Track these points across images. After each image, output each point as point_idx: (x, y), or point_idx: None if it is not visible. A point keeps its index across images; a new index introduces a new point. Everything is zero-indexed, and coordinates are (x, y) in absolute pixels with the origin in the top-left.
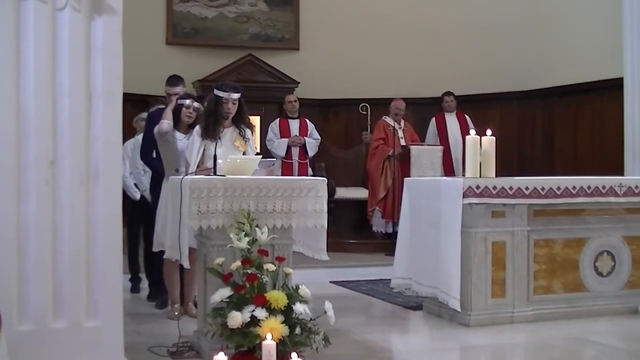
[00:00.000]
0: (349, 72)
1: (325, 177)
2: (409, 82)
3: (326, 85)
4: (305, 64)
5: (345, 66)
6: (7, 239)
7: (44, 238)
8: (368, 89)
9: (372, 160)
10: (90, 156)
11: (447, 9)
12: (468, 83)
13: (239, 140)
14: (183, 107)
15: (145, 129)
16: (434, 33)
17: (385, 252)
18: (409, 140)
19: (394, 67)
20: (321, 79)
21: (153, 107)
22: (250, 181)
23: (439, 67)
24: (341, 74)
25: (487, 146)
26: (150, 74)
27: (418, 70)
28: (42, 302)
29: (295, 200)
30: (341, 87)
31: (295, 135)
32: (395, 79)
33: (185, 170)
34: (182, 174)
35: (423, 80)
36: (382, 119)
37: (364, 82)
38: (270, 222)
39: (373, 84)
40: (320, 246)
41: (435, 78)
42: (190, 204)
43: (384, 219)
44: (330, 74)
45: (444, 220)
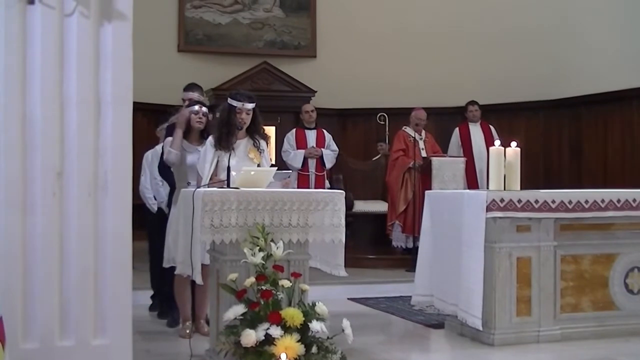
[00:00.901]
0: (368, 81)
1: (343, 190)
2: (431, 91)
3: (344, 94)
4: (323, 72)
5: (364, 74)
6: (12, 252)
7: (50, 252)
8: (387, 98)
9: (392, 173)
10: (99, 167)
11: (471, 15)
12: (492, 92)
13: (253, 151)
14: (191, 113)
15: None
16: (457, 39)
17: (405, 268)
18: (431, 151)
19: (414, 75)
20: (339, 88)
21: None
22: (265, 194)
23: (462, 75)
24: (360, 82)
25: (511, 157)
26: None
27: (440, 78)
28: (48, 319)
29: (311, 214)
30: (360, 96)
31: (312, 147)
32: (416, 87)
33: (197, 183)
34: (193, 187)
35: (445, 89)
36: (402, 129)
37: (384, 90)
38: (285, 237)
39: (393, 92)
40: (337, 262)
41: (458, 87)
42: (203, 218)
43: (404, 233)
44: (349, 82)
45: (466, 235)
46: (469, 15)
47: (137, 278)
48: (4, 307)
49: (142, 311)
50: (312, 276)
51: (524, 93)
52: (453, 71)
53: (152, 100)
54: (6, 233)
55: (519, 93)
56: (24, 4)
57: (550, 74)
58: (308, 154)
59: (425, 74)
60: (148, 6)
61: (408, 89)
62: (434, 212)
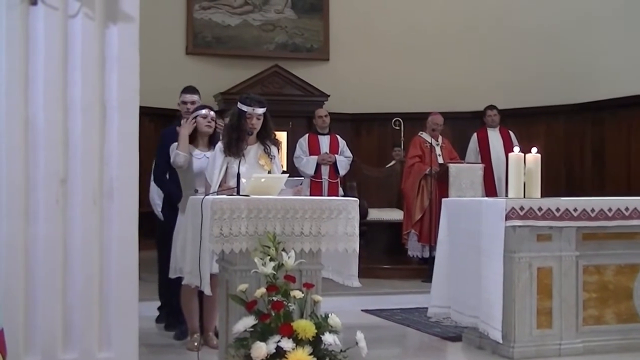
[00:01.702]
0: (383, 85)
1: (357, 198)
2: (448, 95)
3: (358, 99)
4: (336, 76)
5: (379, 78)
6: (14, 262)
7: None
8: (403, 102)
9: (408, 180)
10: (105, 173)
11: (489, 17)
12: (512, 96)
13: (263, 157)
14: (199, 117)
15: (158, 150)
16: (475, 42)
17: (421, 279)
18: (448, 157)
19: (431, 79)
20: (353, 92)
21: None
22: (276, 202)
23: (481, 78)
24: (374, 86)
25: (531, 164)
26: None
27: (458, 82)
28: (50, 330)
29: (324, 223)
30: (374, 101)
31: (325, 153)
32: (433, 91)
33: (205, 190)
34: (201, 194)
35: (463, 93)
36: (417, 134)
37: (399, 95)
38: (297, 246)
39: (408, 97)
40: (351, 272)
41: (476, 90)
42: (212, 226)
43: (420, 242)
44: (363, 86)
45: (485, 244)
46: (486, 17)
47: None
48: (5, 318)
49: (148, 323)
50: (324, 287)
51: (545, 97)
52: (471, 74)
53: (160, 105)
54: (8, 241)
55: (539, 97)
56: (26, 4)
57: (572, 77)
58: (321, 161)
59: (442, 78)
60: (155, 7)
61: (424, 93)
62: (451, 221)
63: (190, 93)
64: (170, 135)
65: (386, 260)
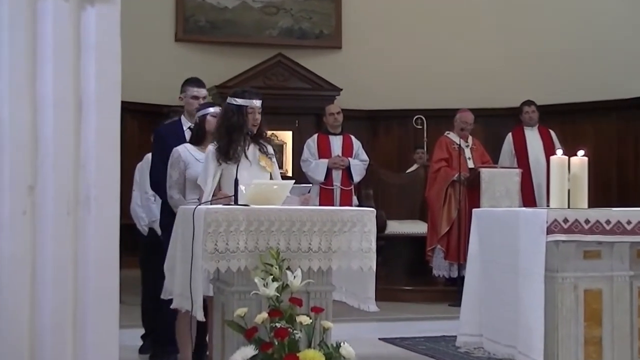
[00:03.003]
0: (404, 77)
1: (374, 208)
2: (479, 89)
3: (375, 93)
4: (349, 67)
5: (399, 69)
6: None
7: (20, 282)
8: (426, 97)
9: (433, 187)
10: (81, 180)
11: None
12: (553, 90)
13: (263, 158)
14: (209, 116)
15: (154, 149)
16: (510, 29)
17: (449, 302)
18: (479, 161)
19: (459, 71)
20: (369, 85)
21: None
22: (281, 212)
23: (516, 70)
24: (394, 78)
25: (577, 169)
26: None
27: (489, 74)
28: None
29: (336, 237)
30: (394, 96)
31: (337, 156)
32: (461, 85)
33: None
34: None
35: (496, 87)
36: (444, 134)
37: (422, 89)
38: (305, 264)
39: (433, 91)
40: (367, 294)
41: (511, 84)
42: (205, 241)
43: (448, 260)
44: (380, 78)
45: (523, 263)
46: (523, 2)
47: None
48: None
49: (131, 354)
50: (336, 311)
51: (592, 91)
52: (505, 65)
53: (145, 100)
54: None
55: (586, 91)
56: None
57: (624, 68)
58: (332, 165)
59: (472, 69)
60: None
61: (451, 86)
62: (483, 235)
63: (201, 86)
64: (168, 133)
65: (408, 281)
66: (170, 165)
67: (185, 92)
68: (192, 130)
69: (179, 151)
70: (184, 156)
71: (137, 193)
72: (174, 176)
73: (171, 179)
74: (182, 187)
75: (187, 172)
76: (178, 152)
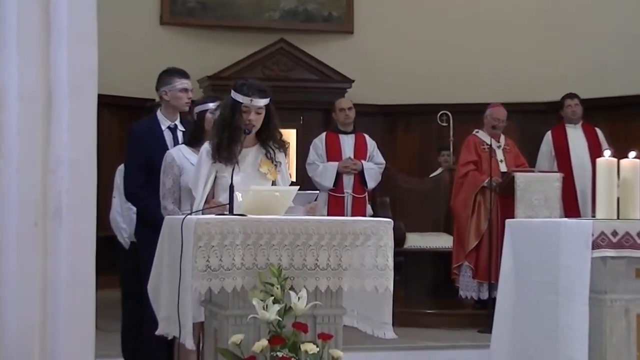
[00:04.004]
0: (426, 67)
1: (391, 218)
2: (512, 81)
3: (392, 85)
4: (363, 55)
5: (421, 57)
6: None
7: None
8: (452, 90)
9: (459, 194)
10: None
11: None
12: (599, 82)
13: (266, 164)
14: (207, 113)
15: (129, 151)
16: (547, 13)
17: (478, 328)
18: (513, 164)
19: (488, 60)
20: (385, 76)
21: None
22: (283, 223)
23: (555, 59)
24: (415, 68)
25: (628, 173)
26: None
27: (524, 63)
28: None
29: (347, 252)
30: (415, 88)
31: (349, 158)
32: (491, 76)
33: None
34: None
35: (533, 79)
36: (472, 133)
37: (447, 80)
38: (311, 283)
39: (459, 83)
40: (383, 318)
41: (550, 75)
42: (196, 257)
43: (476, 279)
44: (399, 68)
45: (564, 282)
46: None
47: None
48: None
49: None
50: (347, 338)
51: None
52: (542, 54)
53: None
54: None
55: (637, 83)
56: None
57: None
58: (343, 168)
59: (503, 58)
60: None
61: (480, 78)
62: (517, 250)
63: (187, 77)
64: (147, 132)
65: (430, 303)
66: (163, 171)
67: (170, 85)
68: (189, 128)
69: (172, 155)
70: (178, 161)
71: (118, 200)
72: (167, 184)
73: (164, 187)
74: (176, 197)
75: (182, 179)
76: (172, 156)
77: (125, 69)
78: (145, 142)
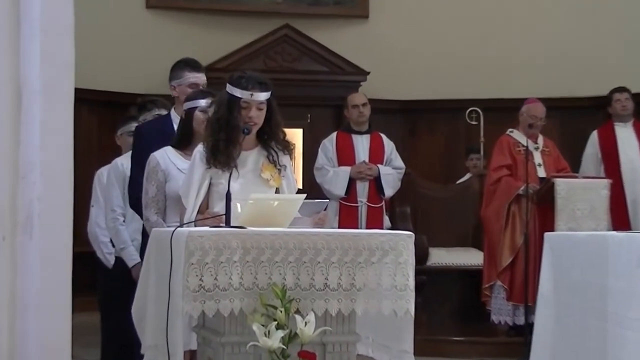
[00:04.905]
0: (452, 56)
1: (412, 231)
2: (552, 73)
3: (414, 78)
4: (379, 43)
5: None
6: None
7: None
8: (483, 83)
9: (491, 203)
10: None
11: None
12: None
13: (268, 169)
14: (197, 112)
15: (133, 153)
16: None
17: (513, 358)
18: (553, 168)
19: (524, 49)
20: (405, 68)
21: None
22: (287, 237)
23: (604, 48)
24: (438, 59)
25: None
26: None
27: (566, 52)
28: None
29: (361, 270)
30: (439, 81)
31: (363, 162)
32: (527, 66)
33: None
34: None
35: (575, 70)
36: (506, 133)
37: (476, 72)
38: (319, 306)
39: (490, 76)
40: (403, 346)
41: (595, 66)
42: (187, 275)
43: (511, 301)
44: (420, 58)
45: (613, 306)
46: None
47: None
48: None
49: None
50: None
51: None
52: (587, 41)
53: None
54: None
55: None
56: None
57: None
58: (356, 174)
59: (541, 46)
60: None
61: (515, 69)
62: (558, 268)
63: (201, 70)
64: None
65: (457, 329)
66: (146, 178)
67: (179, 79)
68: (177, 129)
69: (157, 158)
70: (163, 165)
71: (96, 210)
72: (150, 192)
73: (147, 195)
74: (161, 207)
75: (168, 187)
76: (156, 160)
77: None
78: (152, 142)
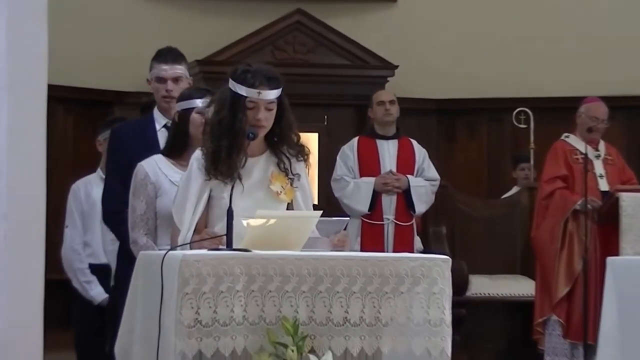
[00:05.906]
0: (496, 48)
1: (449, 255)
2: (614, 68)
3: (450, 73)
4: (409, 31)
5: (488, 35)
6: None
7: None
8: (533, 80)
9: (544, 221)
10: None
11: None
12: None
13: (279, 179)
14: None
15: (107, 159)
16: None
17: None
18: (617, 180)
19: (582, 39)
20: (440, 61)
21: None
22: (300, 262)
23: None
24: (480, 50)
25: None
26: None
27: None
28: None
29: (388, 301)
30: (480, 77)
31: (390, 172)
32: (586, 61)
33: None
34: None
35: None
36: (560, 139)
37: (523, 67)
38: (338, 344)
39: (540, 71)
40: None
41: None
42: (181, 307)
43: (568, 339)
44: (459, 50)
45: None
46: None
47: None
48: None
49: None
50: None
51: None
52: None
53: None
54: None
55: None
56: None
57: None
58: (382, 186)
59: (602, 37)
60: None
61: (571, 63)
62: (624, 299)
63: (171, 61)
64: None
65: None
66: (133, 193)
67: (151, 72)
68: (169, 133)
69: (145, 169)
70: (153, 177)
71: (72, 231)
72: (138, 209)
73: (134, 213)
74: (151, 227)
75: (159, 203)
76: (144, 171)
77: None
78: (130, 145)
